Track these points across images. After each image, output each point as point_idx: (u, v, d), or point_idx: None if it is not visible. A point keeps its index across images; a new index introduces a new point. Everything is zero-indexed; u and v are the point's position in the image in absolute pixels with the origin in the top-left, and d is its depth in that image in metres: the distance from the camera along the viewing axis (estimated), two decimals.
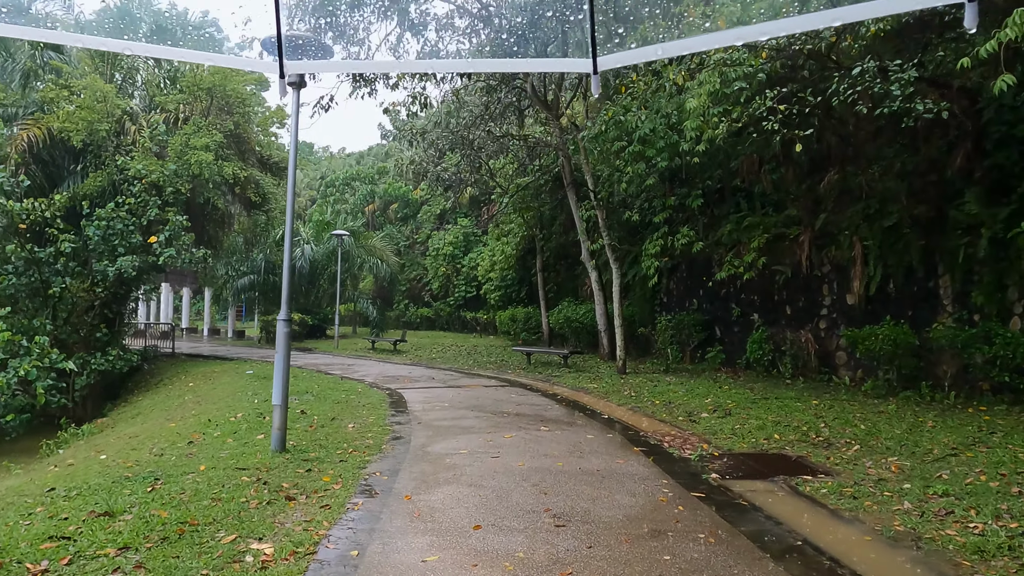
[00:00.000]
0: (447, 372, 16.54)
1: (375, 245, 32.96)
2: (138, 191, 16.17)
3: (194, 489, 5.51)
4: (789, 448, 7.64)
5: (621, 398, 11.76)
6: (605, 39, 3.21)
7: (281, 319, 7.08)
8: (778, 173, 14.07)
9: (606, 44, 2.96)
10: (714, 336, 15.97)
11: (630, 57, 2.71)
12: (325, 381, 13.82)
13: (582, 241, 17.49)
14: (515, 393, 12.48)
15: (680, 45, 2.65)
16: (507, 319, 24.88)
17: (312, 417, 9.25)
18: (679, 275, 17.63)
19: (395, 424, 9.04)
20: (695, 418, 9.54)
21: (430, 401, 11.33)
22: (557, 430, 8.73)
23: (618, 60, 2.43)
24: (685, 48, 2.85)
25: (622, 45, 3.09)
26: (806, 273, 13.36)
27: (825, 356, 13.00)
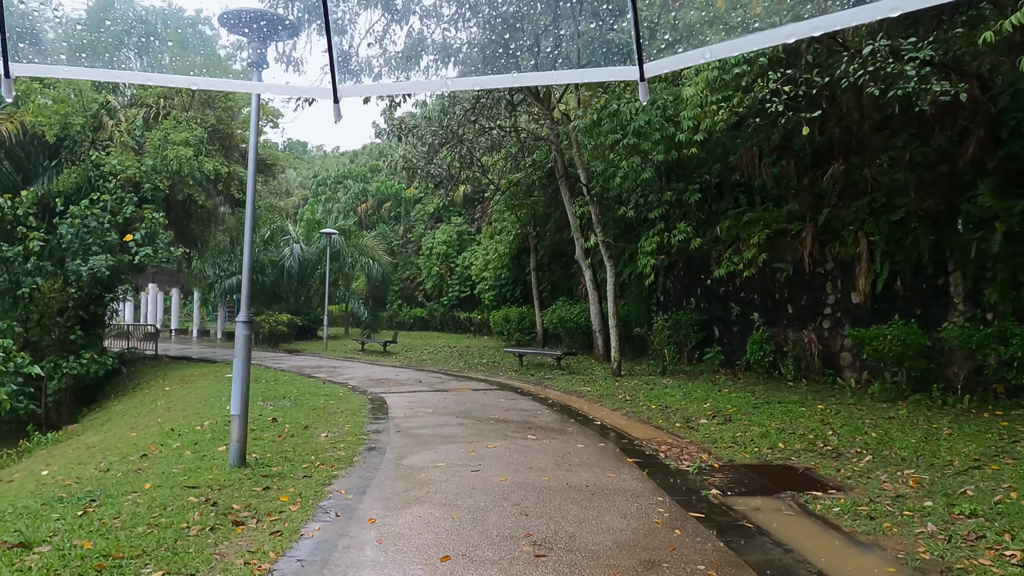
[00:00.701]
0: (436, 375, 15.93)
1: (367, 244, 32.35)
2: (113, 188, 15.54)
3: (131, 513, 4.90)
4: (795, 458, 7.05)
5: (615, 402, 11.17)
6: (650, 44, 2.92)
7: (240, 320, 6.48)
8: (779, 166, 13.49)
9: (652, 50, 2.70)
10: (712, 336, 15.39)
11: (677, 62, 2.56)
12: (306, 385, 13.21)
13: (576, 238, 16.88)
14: (504, 397, 11.88)
15: (729, 46, 2.48)
16: (500, 319, 24.28)
17: (283, 426, 8.64)
18: (676, 273, 17.04)
19: (372, 433, 8.43)
20: (693, 424, 8.95)
21: (413, 406, 10.72)
22: (545, 439, 8.14)
23: (665, 66, 2.41)
24: (734, 49, 2.58)
25: (669, 50, 2.78)
26: (809, 270, 12.78)
27: (829, 357, 12.42)
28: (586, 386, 13.01)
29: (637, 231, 17.30)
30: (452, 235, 34.28)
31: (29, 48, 4.55)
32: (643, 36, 2.36)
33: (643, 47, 2.25)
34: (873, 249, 11.58)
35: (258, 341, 27.92)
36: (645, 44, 2.32)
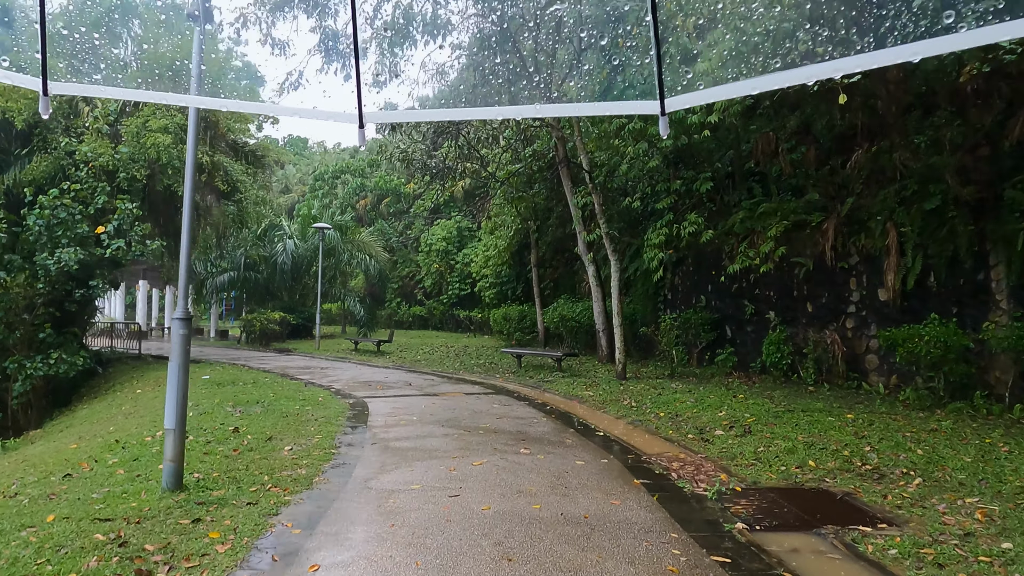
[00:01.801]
0: (428, 377, 14.93)
1: (363, 240, 31.35)
2: (85, 176, 14.59)
3: (13, 558, 3.91)
4: (830, 480, 6.03)
5: (620, 409, 10.15)
6: (672, 81, 2.55)
7: (176, 318, 5.48)
8: (798, 152, 12.45)
9: (674, 86, 2.34)
10: (724, 336, 14.35)
11: (698, 98, 2.41)
12: (286, 388, 12.23)
13: (578, 232, 15.86)
14: (498, 403, 10.87)
15: (749, 85, 2.43)
16: (500, 318, 23.28)
17: (244, 437, 7.65)
18: (685, 269, 15.99)
19: (344, 446, 7.44)
20: (708, 436, 7.92)
21: (397, 413, 9.72)
22: (541, 453, 7.13)
23: (686, 101, 2.34)
24: (754, 88, 2.37)
25: (689, 87, 2.38)
26: (830, 265, 11.74)
27: (853, 359, 11.39)
28: (588, 390, 11.99)
29: (643, 224, 16.28)
30: (452, 231, 33.31)
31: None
32: (665, 73, 2.30)
33: (664, 82, 2.25)
34: (904, 241, 10.53)
35: (249, 340, 27.00)
36: (667, 80, 2.29)
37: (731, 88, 2.35)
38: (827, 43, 2.50)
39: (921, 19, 2.00)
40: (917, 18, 2.02)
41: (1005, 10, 1.63)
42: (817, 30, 2.99)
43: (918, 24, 2.00)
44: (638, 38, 10.41)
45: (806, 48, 4.62)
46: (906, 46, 1.80)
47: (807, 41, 4.72)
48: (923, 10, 1.95)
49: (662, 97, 2.25)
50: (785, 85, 2.31)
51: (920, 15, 1.98)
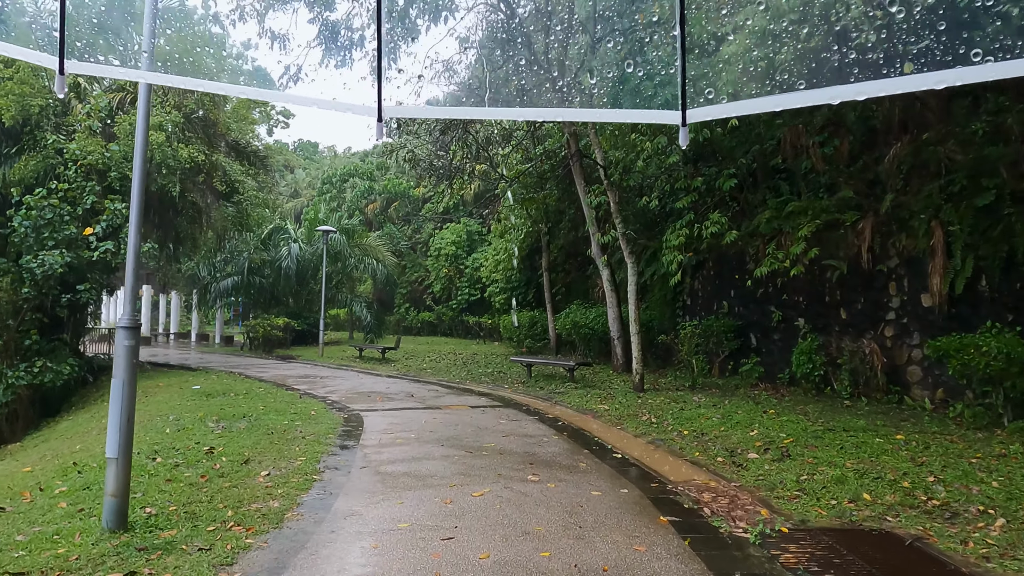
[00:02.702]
0: (432, 387, 14.09)
1: (371, 244, 30.59)
2: (74, 175, 13.89)
3: None
4: (892, 518, 5.11)
5: (638, 425, 9.25)
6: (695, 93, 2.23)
7: (122, 326, 4.66)
8: (830, 146, 11.51)
9: (697, 98, 2.47)
10: (748, 345, 13.40)
11: (719, 111, 2.44)
12: (278, 400, 11.42)
13: (591, 233, 14.99)
14: (506, 418, 10.00)
15: (772, 101, 2.27)
16: (510, 324, 22.41)
17: (219, 459, 6.82)
18: (705, 273, 15.07)
19: (329, 470, 6.59)
20: (740, 460, 7.01)
21: (394, 430, 8.87)
22: (551, 480, 6.24)
23: (707, 113, 2.37)
24: (776, 104, 2.26)
25: (711, 100, 2.48)
26: (867, 268, 10.80)
27: (893, 371, 10.42)
28: (603, 403, 11.09)
29: (660, 225, 15.38)
30: (461, 235, 32.47)
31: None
32: (688, 85, 2.26)
33: (687, 94, 2.26)
34: (951, 241, 9.58)
35: (252, 347, 26.30)
36: (690, 91, 2.29)
37: (754, 103, 2.34)
38: (853, 65, 2.54)
39: (948, 51, 1.94)
40: (945, 49, 1.96)
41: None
42: (844, 51, 2.73)
43: (945, 54, 1.94)
44: (660, 45, 10.07)
45: (831, 68, 4.05)
46: (930, 74, 1.87)
47: (834, 61, 4.23)
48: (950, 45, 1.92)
49: (684, 107, 2.25)
50: (808, 104, 2.32)
51: (947, 48, 1.94)
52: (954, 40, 1.94)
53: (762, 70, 3.98)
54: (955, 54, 1.89)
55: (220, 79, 19.42)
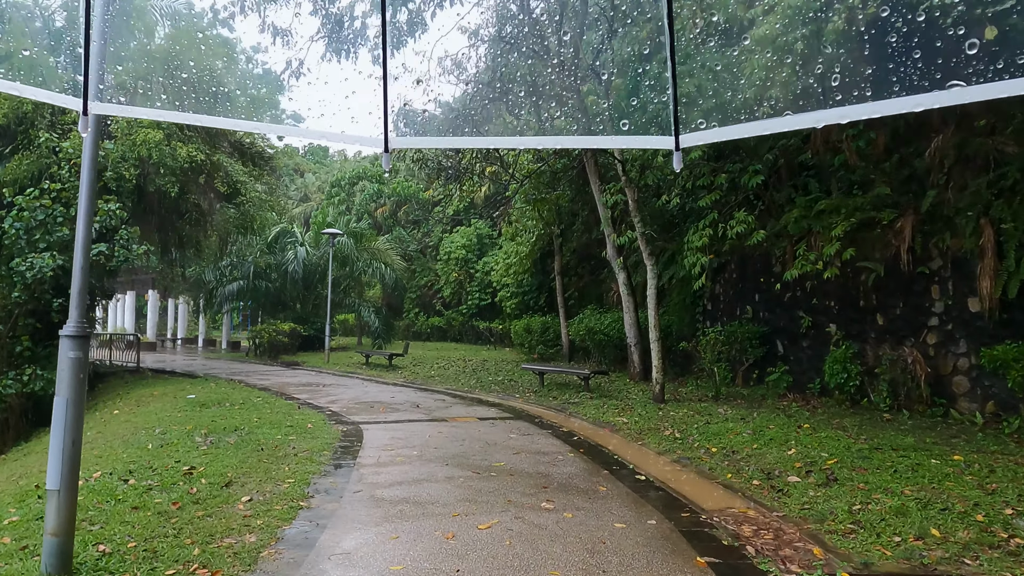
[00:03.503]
0: (439, 396, 13.38)
1: (379, 248, 29.97)
2: (67, 175, 13.34)
3: None
4: (971, 560, 4.34)
5: (661, 441, 8.49)
6: (687, 118, 2.62)
7: (65, 335, 3.98)
8: (865, 139, 10.73)
9: (689, 123, 2.48)
10: (775, 353, 12.60)
11: (711, 136, 2.60)
12: (275, 411, 10.75)
13: (606, 234, 14.26)
14: (517, 431, 9.27)
15: (761, 126, 2.46)
16: (522, 330, 21.69)
17: (198, 481, 6.14)
18: (727, 276, 14.30)
19: (319, 495, 5.89)
20: (780, 484, 6.24)
21: (395, 446, 8.17)
22: (568, 508, 5.51)
23: (699, 138, 2.49)
24: (765, 128, 2.41)
25: (703, 126, 2.59)
26: (906, 270, 10.00)
27: (937, 381, 9.61)
28: (621, 415, 10.34)
29: (680, 227, 14.63)
30: (472, 238, 31.82)
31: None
32: (680, 110, 2.37)
33: (680, 119, 2.34)
34: (1003, 241, 8.78)
35: (257, 353, 25.75)
36: (682, 117, 2.37)
37: (743, 128, 2.40)
38: (836, 91, 2.54)
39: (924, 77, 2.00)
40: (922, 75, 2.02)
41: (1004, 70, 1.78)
42: (828, 76, 2.71)
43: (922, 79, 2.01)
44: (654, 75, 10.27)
45: (814, 93, 3.78)
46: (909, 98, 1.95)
47: (817, 88, 3.95)
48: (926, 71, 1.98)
49: (677, 133, 2.35)
50: (795, 128, 2.33)
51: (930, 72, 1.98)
52: (929, 66, 2.02)
53: (751, 97, 3.92)
54: (931, 79, 1.97)
55: (228, 84, 19.00)
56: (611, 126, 11.22)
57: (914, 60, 2.07)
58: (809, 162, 12.23)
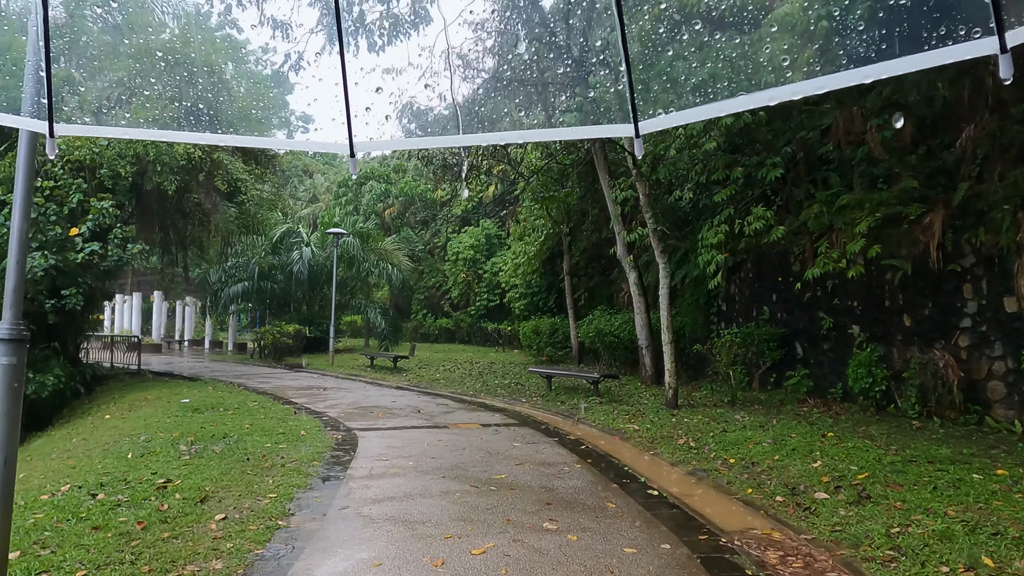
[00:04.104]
0: (443, 401, 12.89)
1: (386, 248, 29.54)
2: (60, 172, 12.97)
3: None
4: None
5: (675, 451, 7.94)
6: (645, 104, 2.54)
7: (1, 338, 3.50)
8: (890, 129, 10.13)
9: (647, 109, 2.45)
10: (794, 355, 12.01)
11: (669, 120, 2.50)
12: (270, 416, 10.29)
13: (616, 232, 13.72)
14: (521, 439, 8.76)
15: (717, 107, 2.48)
16: (530, 331, 21.14)
17: (172, 496, 5.66)
18: (743, 275, 13.72)
19: (301, 512, 5.40)
20: (806, 501, 5.69)
21: (390, 455, 7.68)
22: (573, 530, 4.99)
23: (658, 123, 2.46)
24: (721, 110, 2.47)
25: (662, 110, 2.47)
26: (936, 268, 9.40)
27: (970, 387, 9.00)
28: (632, 422, 9.80)
29: (692, 224, 14.06)
30: (480, 238, 31.32)
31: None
32: (637, 97, 2.37)
33: (638, 107, 2.34)
34: None
35: (262, 355, 25.36)
36: (640, 104, 2.35)
37: (702, 110, 2.51)
38: (787, 69, 2.79)
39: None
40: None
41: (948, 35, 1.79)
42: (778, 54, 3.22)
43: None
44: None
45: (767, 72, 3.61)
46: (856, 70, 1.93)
47: (767, 65, 3.82)
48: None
49: (635, 120, 2.32)
50: (748, 108, 2.59)
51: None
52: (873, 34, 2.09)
53: (702, 81, 3.76)
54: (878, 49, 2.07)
55: (240, 83, 18.65)
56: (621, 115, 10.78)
57: (858, 32, 2.11)
58: (829, 155, 11.65)
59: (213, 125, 5.45)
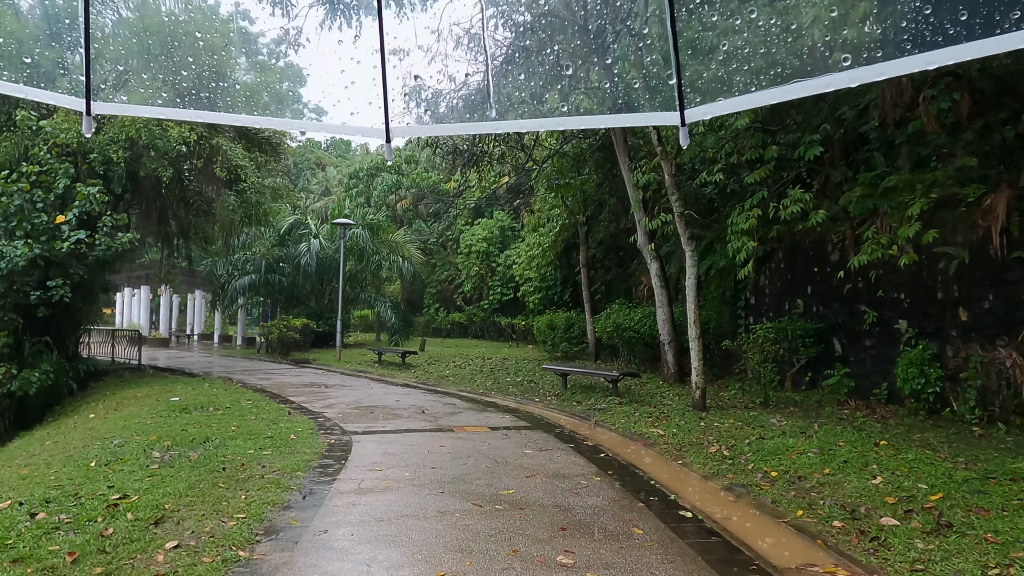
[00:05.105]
0: (450, 400, 12.05)
1: (396, 240, 28.75)
2: (44, 156, 12.25)
3: None
4: None
5: (706, 460, 7.03)
6: (692, 92, 2.28)
7: None
8: (947, 101, 9.09)
9: (694, 96, 2.29)
10: (831, 352, 11.01)
11: (717, 109, 2.36)
12: (261, 417, 9.49)
13: (637, 219, 12.77)
14: (533, 445, 7.88)
15: (769, 95, 2.35)
16: (544, 326, 20.25)
17: (123, 516, 4.85)
18: (774, 265, 12.71)
19: (269, 537, 4.57)
20: (872, 528, 4.76)
21: (385, 464, 6.83)
22: (592, 566, 4.11)
23: (705, 112, 2.39)
24: (773, 97, 2.35)
25: (711, 97, 2.34)
26: (998, 256, 8.39)
27: None
28: (656, 426, 8.89)
29: (719, 211, 13.10)
30: (493, 230, 30.46)
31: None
32: (684, 84, 2.32)
33: (684, 94, 2.28)
34: None
35: (268, 350, 24.70)
36: (687, 91, 2.31)
37: (751, 99, 2.35)
38: (843, 48, 2.33)
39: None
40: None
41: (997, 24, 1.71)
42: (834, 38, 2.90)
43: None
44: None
45: (822, 58, 3.21)
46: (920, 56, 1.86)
47: (824, 50, 3.18)
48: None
49: (682, 108, 2.26)
50: (803, 95, 2.19)
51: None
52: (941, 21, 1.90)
53: (756, 66, 3.28)
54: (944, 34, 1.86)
55: (251, 83, 18.02)
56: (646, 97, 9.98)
57: (925, 16, 1.96)
58: (869, 134, 10.64)
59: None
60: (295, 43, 13.40)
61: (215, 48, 15.91)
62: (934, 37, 1.98)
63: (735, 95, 2.31)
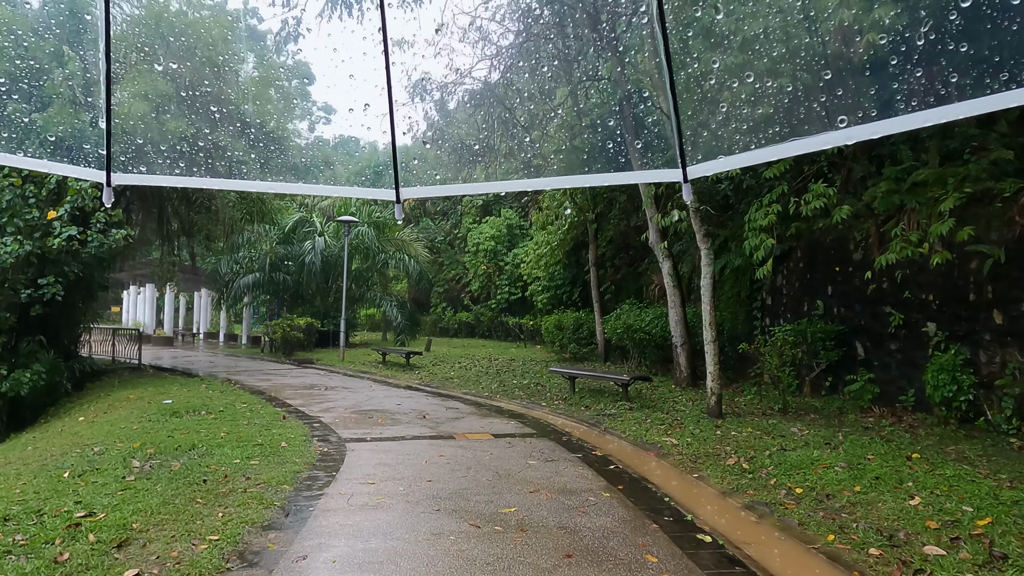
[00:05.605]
0: (453, 404, 11.59)
1: (403, 239, 28.32)
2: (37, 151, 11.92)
3: None
4: None
5: (724, 474, 6.52)
6: (693, 150, 2.53)
7: None
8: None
9: (696, 155, 2.53)
10: (853, 356, 10.46)
11: (718, 165, 2.52)
12: (253, 422, 9.06)
13: (648, 216, 12.26)
14: (538, 456, 7.40)
15: (770, 152, 2.52)
16: (552, 326, 19.74)
17: (84, 537, 4.41)
18: (792, 265, 12.17)
19: (243, 564, 4.12)
20: (913, 557, 4.25)
21: (379, 476, 6.37)
22: None
23: (707, 169, 2.51)
24: (774, 155, 2.50)
25: (711, 155, 2.53)
26: None
27: None
28: (669, 434, 8.38)
29: (734, 208, 12.57)
30: (501, 229, 29.97)
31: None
32: (685, 143, 2.44)
33: (685, 152, 2.40)
34: None
35: (272, 349, 24.33)
36: (688, 150, 2.40)
37: (750, 156, 2.43)
38: (839, 111, 2.34)
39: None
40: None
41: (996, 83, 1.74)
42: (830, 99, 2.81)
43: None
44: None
45: (818, 116, 3.32)
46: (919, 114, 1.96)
47: (820, 110, 3.43)
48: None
49: (684, 165, 2.39)
50: (802, 152, 2.28)
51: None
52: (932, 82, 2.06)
53: (753, 125, 3.46)
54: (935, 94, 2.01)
55: (259, 85, 17.74)
56: None
57: (916, 77, 2.07)
58: None
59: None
60: (295, 34, 12.93)
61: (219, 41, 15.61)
62: (926, 97, 2.08)
63: (736, 152, 2.49)
